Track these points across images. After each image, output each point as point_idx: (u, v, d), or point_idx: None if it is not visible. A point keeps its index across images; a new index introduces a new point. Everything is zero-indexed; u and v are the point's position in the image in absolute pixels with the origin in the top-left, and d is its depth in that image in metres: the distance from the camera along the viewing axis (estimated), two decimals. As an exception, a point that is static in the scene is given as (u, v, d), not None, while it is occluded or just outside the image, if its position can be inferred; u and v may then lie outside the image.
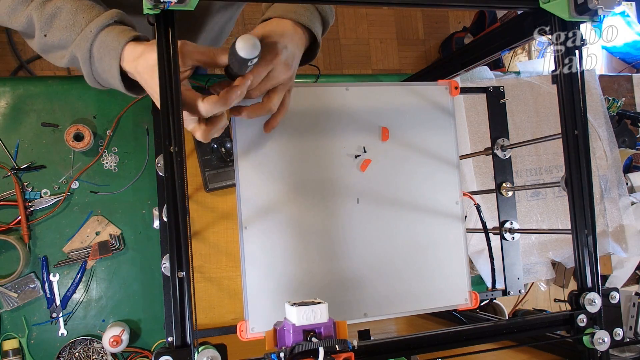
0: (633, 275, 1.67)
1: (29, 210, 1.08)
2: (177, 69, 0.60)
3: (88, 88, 1.13)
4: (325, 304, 0.62)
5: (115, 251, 1.12)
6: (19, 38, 2.30)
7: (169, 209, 0.58)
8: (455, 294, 0.87)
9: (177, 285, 0.57)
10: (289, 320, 0.62)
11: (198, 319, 1.14)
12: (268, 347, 0.63)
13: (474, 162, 1.45)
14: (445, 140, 0.88)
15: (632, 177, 1.63)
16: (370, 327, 0.80)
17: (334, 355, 0.59)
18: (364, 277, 0.79)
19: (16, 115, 1.10)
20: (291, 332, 0.61)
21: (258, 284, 0.77)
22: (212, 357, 0.57)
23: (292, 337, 0.60)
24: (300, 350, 0.59)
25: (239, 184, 0.77)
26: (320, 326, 0.61)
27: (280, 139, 0.80)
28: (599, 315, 0.71)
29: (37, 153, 1.10)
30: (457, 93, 0.89)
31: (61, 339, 1.09)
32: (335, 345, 0.60)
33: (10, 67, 2.36)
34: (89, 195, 1.12)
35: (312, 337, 0.60)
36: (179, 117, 0.59)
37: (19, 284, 1.07)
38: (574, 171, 0.72)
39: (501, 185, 1.04)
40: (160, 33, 0.60)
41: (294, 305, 0.61)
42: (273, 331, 0.63)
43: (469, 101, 1.42)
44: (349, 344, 0.62)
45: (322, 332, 0.60)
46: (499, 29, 0.86)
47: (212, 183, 1.12)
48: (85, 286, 1.11)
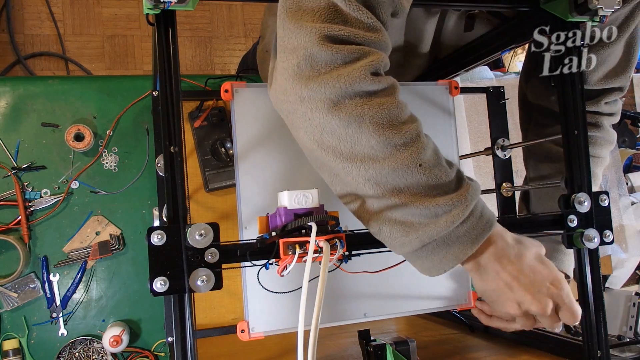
0: (633, 275, 1.67)
1: (29, 210, 1.08)
2: (177, 69, 0.60)
3: (88, 88, 1.13)
4: (316, 189, 0.62)
5: (115, 251, 1.12)
6: (20, 38, 2.31)
7: (169, 209, 0.58)
8: (455, 294, 0.87)
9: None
10: (280, 206, 0.62)
11: (198, 319, 1.14)
12: (260, 232, 0.62)
13: (474, 162, 1.46)
14: (445, 140, 0.88)
15: (632, 177, 1.63)
16: (370, 327, 0.80)
17: (325, 237, 0.58)
18: (364, 277, 0.79)
19: (16, 115, 1.10)
20: (282, 214, 0.60)
21: (258, 284, 0.77)
22: (203, 230, 0.56)
23: (284, 219, 0.60)
24: (292, 227, 0.59)
25: (239, 184, 0.77)
26: (312, 211, 0.61)
27: (280, 138, 0.80)
28: (590, 217, 0.72)
29: (37, 153, 1.10)
30: (457, 93, 0.89)
31: (61, 339, 1.09)
32: (327, 223, 0.60)
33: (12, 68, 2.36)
34: (89, 195, 1.12)
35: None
36: (179, 117, 0.59)
37: (19, 284, 1.07)
38: (574, 171, 0.72)
39: (501, 185, 1.04)
40: (161, 33, 0.60)
41: (286, 191, 0.61)
42: (265, 218, 0.63)
43: (469, 101, 1.42)
44: (340, 227, 0.61)
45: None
46: (499, 29, 0.86)
47: (212, 183, 1.12)
48: (85, 286, 1.11)
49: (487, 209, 0.60)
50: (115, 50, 2.38)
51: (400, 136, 0.56)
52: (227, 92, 0.77)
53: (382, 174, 0.56)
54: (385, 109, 0.56)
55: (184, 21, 2.46)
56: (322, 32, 0.55)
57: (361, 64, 0.55)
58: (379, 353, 0.74)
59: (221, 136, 1.13)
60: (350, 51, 0.56)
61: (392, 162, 0.56)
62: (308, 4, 0.57)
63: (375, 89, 0.57)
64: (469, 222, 0.57)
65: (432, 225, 0.56)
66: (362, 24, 0.57)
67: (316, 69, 0.56)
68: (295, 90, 0.57)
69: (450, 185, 0.58)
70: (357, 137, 0.56)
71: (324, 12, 0.56)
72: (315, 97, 0.56)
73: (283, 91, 0.59)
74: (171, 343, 0.82)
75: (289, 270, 0.59)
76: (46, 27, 2.33)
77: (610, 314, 1.42)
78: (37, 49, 2.31)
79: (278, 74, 0.60)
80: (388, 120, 0.56)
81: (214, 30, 2.52)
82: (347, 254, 0.63)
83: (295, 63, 0.57)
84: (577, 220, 0.71)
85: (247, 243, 0.60)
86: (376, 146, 0.56)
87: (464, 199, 0.57)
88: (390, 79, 0.58)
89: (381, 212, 0.59)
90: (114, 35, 2.38)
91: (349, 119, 0.55)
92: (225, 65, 2.51)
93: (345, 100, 0.56)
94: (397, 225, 0.58)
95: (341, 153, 0.57)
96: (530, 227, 0.73)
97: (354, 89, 0.55)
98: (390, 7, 0.59)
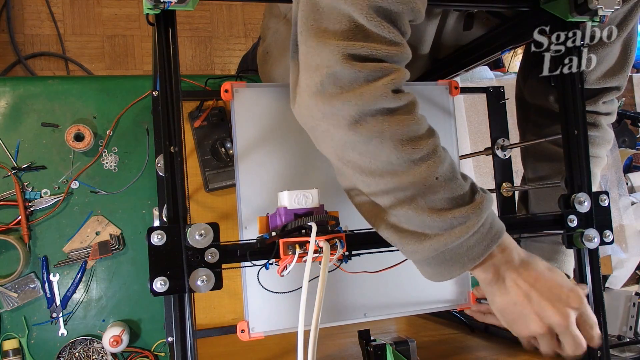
0: (633, 275, 1.67)
1: (29, 210, 1.08)
2: (177, 69, 0.60)
3: (88, 88, 1.13)
4: (316, 189, 0.62)
5: (115, 251, 1.12)
6: (20, 38, 2.31)
7: (169, 209, 0.58)
8: (455, 294, 0.87)
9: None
10: (280, 206, 0.62)
11: (198, 319, 1.14)
12: (260, 232, 0.63)
13: (474, 162, 1.46)
14: (445, 140, 0.88)
15: (632, 177, 1.63)
16: (370, 327, 0.80)
17: (325, 237, 0.59)
18: (364, 277, 0.79)
19: (16, 115, 1.10)
20: (282, 214, 0.61)
21: (258, 284, 0.77)
22: (203, 230, 0.56)
23: (284, 219, 0.60)
24: (292, 227, 0.59)
25: (239, 184, 0.77)
26: (312, 211, 0.61)
27: (280, 138, 0.80)
28: (590, 217, 0.72)
29: (37, 153, 1.10)
30: (457, 93, 0.89)
31: (61, 339, 1.09)
32: (327, 223, 0.60)
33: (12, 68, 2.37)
34: (89, 195, 1.12)
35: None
36: (179, 117, 0.59)
37: (19, 284, 1.07)
38: (574, 171, 0.72)
39: (501, 185, 1.04)
40: (161, 33, 0.60)
41: (286, 190, 0.61)
42: (265, 218, 0.63)
43: (469, 101, 1.42)
44: (340, 228, 0.62)
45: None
46: (499, 29, 0.86)
47: (212, 183, 1.12)
48: (85, 286, 1.11)
49: (497, 220, 0.61)
50: (115, 50, 2.38)
51: (418, 151, 0.57)
52: (227, 92, 0.77)
53: (400, 187, 0.58)
54: (405, 126, 0.57)
55: (184, 21, 2.46)
56: (345, 51, 0.56)
57: (383, 82, 0.56)
58: (379, 353, 0.74)
59: (221, 136, 1.13)
60: (373, 69, 0.56)
61: (410, 176, 0.57)
62: (330, 21, 0.57)
63: (396, 106, 0.58)
64: (479, 233, 0.58)
65: (447, 236, 0.57)
66: (384, 40, 0.57)
67: (339, 87, 0.57)
68: (319, 107, 0.59)
69: (465, 197, 0.59)
70: (377, 153, 0.57)
71: (346, 29, 0.57)
72: (338, 115, 0.57)
73: (306, 107, 0.61)
74: (171, 343, 0.82)
75: (289, 270, 0.59)
76: (46, 27, 2.32)
77: (610, 314, 1.42)
78: (37, 49, 2.31)
79: (302, 90, 0.61)
80: (407, 136, 0.57)
81: (214, 30, 2.52)
82: (347, 254, 0.63)
83: (318, 81, 0.58)
84: (577, 220, 0.71)
85: (247, 243, 0.60)
86: (395, 162, 0.57)
87: (479, 211, 0.58)
88: (410, 96, 0.59)
89: (396, 222, 0.60)
90: (114, 35, 2.38)
91: (370, 135, 0.57)
92: (225, 65, 2.51)
93: (366, 117, 0.57)
94: (411, 234, 0.59)
95: (361, 168, 0.59)
96: (530, 227, 0.74)
97: (375, 107, 0.56)
98: (410, 16, 0.60)
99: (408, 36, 0.61)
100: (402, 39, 0.60)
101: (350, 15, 0.56)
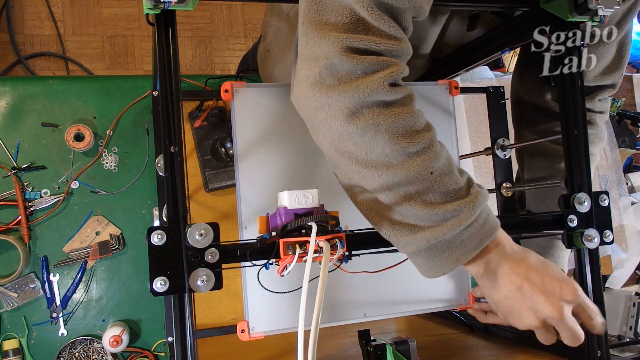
0: (633, 275, 1.67)
1: (29, 210, 1.08)
2: (177, 69, 0.60)
3: (88, 88, 1.13)
4: (316, 189, 0.62)
5: (115, 251, 1.12)
6: (20, 38, 2.31)
7: (169, 209, 0.58)
8: (455, 294, 0.87)
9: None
10: (280, 206, 0.62)
11: (198, 319, 1.14)
12: (260, 232, 0.63)
13: (474, 162, 1.46)
14: (445, 140, 0.88)
15: (632, 177, 1.63)
16: (370, 327, 0.80)
17: (325, 237, 0.59)
18: (364, 277, 0.79)
19: (16, 115, 1.10)
20: (282, 214, 0.61)
21: (258, 284, 0.77)
22: (203, 230, 0.56)
23: (284, 219, 0.60)
24: (292, 227, 0.59)
25: (239, 184, 0.77)
26: (312, 211, 0.61)
27: (280, 138, 0.80)
28: (590, 217, 0.72)
29: (37, 153, 1.10)
30: (457, 93, 0.89)
31: (61, 339, 1.09)
32: (327, 223, 0.60)
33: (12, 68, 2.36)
34: (89, 195, 1.12)
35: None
36: (179, 117, 0.59)
37: (19, 284, 1.07)
38: (574, 171, 0.72)
39: (501, 185, 1.04)
40: (161, 33, 0.60)
41: (286, 190, 0.61)
42: (265, 218, 0.63)
43: (469, 101, 1.42)
44: (340, 227, 0.62)
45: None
46: (499, 29, 0.86)
47: (212, 183, 1.12)
48: (85, 286, 1.11)
49: (491, 215, 0.61)
50: (115, 50, 2.38)
51: (414, 145, 0.58)
52: (227, 92, 0.77)
53: (395, 180, 0.58)
54: (400, 119, 0.58)
55: (184, 21, 2.46)
56: (344, 43, 0.56)
57: (380, 75, 0.57)
58: (379, 353, 0.74)
59: (221, 136, 1.13)
60: (371, 62, 0.57)
61: (405, 169, 0.58)
62: (332, 14, 0.58)
63: (392, 99, 0.58)
64: (472, 227, 0.59)
65: (440, 228, 0.58)
66: (384, 33, 0.58)
67: (337, 78, 0.57)
68: (316, 98, 0.59)
69: (460, 191, 0.59)
70: (373, 145, 0.58)
71: (347, 22, 0.57)
72: (335, 106, 0.58)
73: (304, 97, 0.61)
74: (171, 343, 0.82)
75: (289, 270, 0.59)
76: (46, 27, 2.32)
77: (610, 314, 1.42)
78: (37, 49, 2.31)
79: (300, 80, 0.61)
80: (403, 129, 0.58)
81: (214, 30, 2.52)
82: (347, 254, 0.63)
83: (317, 72, 0.58)
84: (577, 220, 0.71)
85: (247, 243, 0.60)
86: (390, 154, 0.58)
87: (472, 205, 0.58)
88: (407, 89, 0.60)
89: (390, 215, 0.60)
90: (114, 35, 2.38)
91: (365, 127, 0.57)
92: (225, 65, 2.51)
93: (363, 109, 0.57)
94: (404, 226, 0.59)
95: (357, 159, 0.59)
96: (530, 227, 0.73)
97: (372, 99, 0.57)
98: (412, 13, 0.60)
99: (410, 32, 0.61)
100: (403, 34, 0.60)
101: (352, 8, 0.57)
